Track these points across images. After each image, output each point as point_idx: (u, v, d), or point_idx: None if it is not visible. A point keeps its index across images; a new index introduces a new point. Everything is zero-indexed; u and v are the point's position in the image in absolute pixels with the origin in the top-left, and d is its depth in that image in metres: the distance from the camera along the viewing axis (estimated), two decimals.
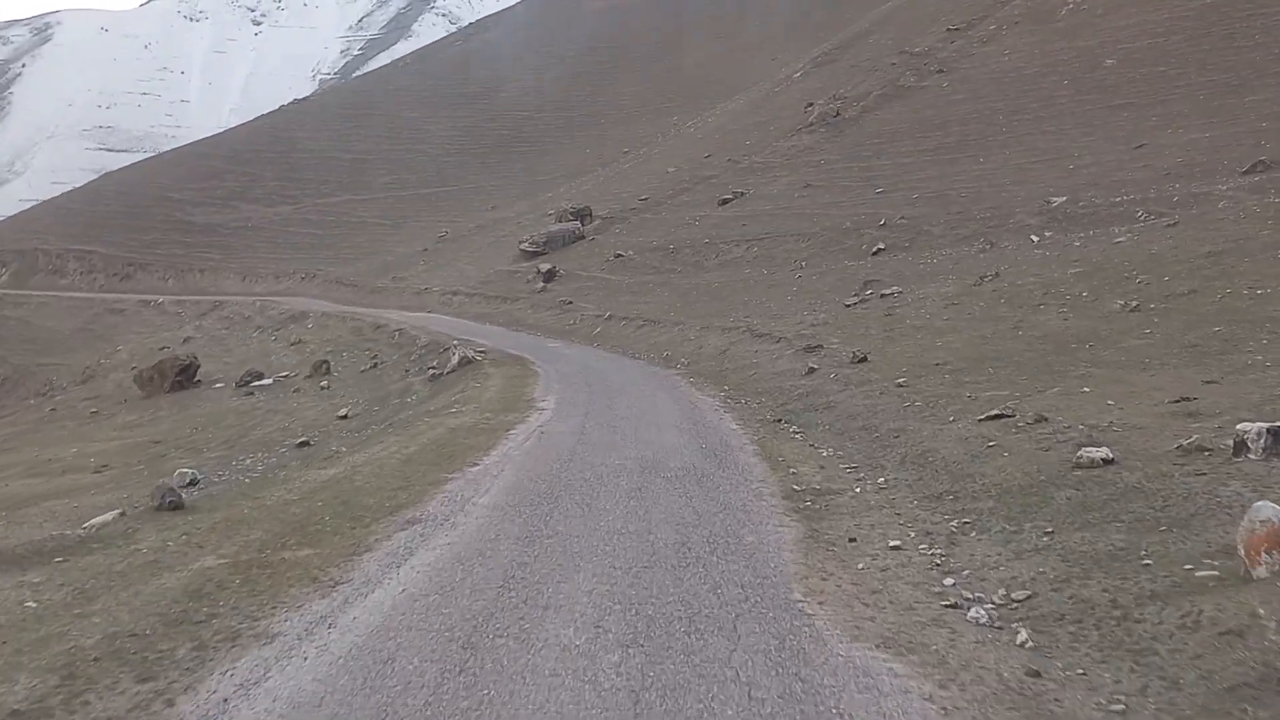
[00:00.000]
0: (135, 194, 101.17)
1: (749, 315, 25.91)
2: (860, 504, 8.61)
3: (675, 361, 22.68)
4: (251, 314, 60.49)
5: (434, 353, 31.00)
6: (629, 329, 30.17)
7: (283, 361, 39.96)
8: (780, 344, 18.83)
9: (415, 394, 23.49)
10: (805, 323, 21.15)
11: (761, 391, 16.07)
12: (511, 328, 37.92)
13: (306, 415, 22.71)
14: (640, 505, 8.71)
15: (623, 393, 17.29)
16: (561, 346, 29.51)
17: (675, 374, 20.47)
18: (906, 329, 17.41)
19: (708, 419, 14.08)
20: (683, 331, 26.20)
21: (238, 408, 27.86)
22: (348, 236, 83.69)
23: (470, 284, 49.31)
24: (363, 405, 24.11)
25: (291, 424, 21.22)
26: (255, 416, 24.34)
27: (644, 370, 21.56)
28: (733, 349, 20.94)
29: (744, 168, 51.92)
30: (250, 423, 23.21)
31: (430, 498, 9.40)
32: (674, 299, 34.03)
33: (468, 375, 22.54)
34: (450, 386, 21.76)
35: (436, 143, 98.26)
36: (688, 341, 24.69)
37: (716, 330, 23.90)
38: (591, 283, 41.24)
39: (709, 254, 39.50)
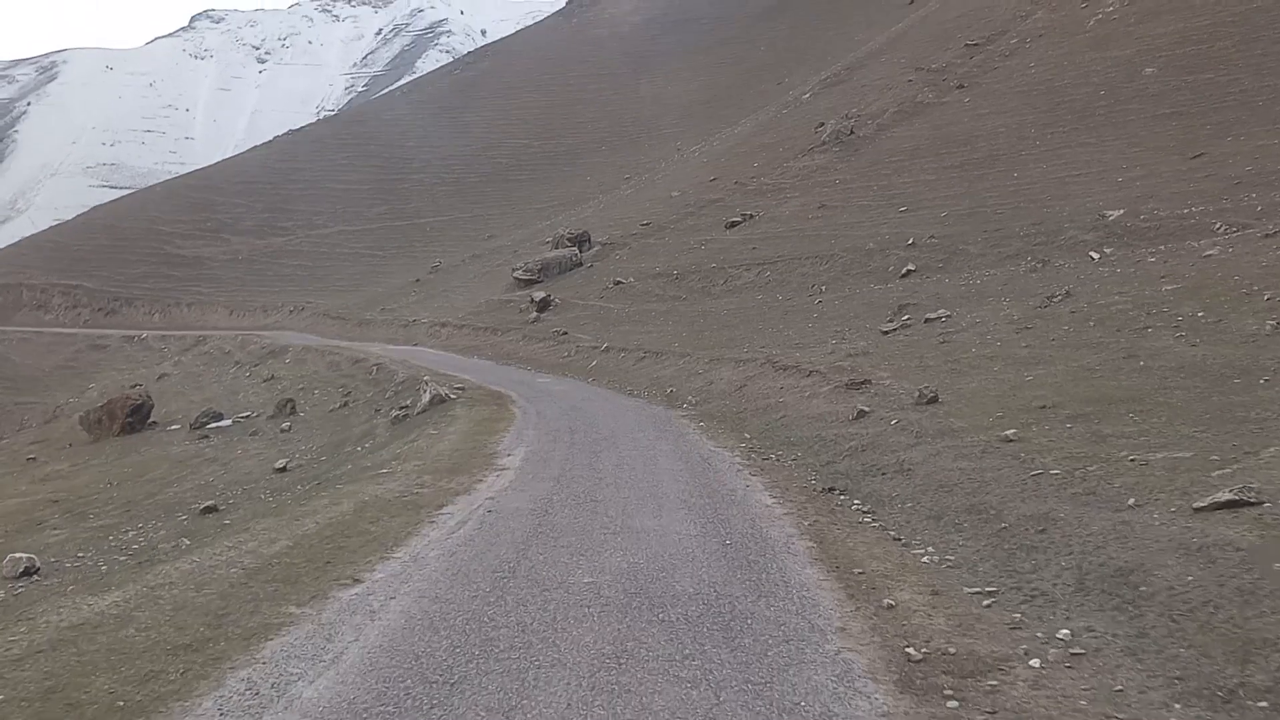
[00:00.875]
0: (124, 227, 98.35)
1: (766, 344, 22.37)
2: (1064, 705, 4.66)
3: (681, 400, 19.12)
4: (232, 349, 57.12)
5: (410, 390, 27.69)
6: (628, 362, 26.63)
7: (250, 400, 36.57)
8: (812, 379, 15.28)
9: (374, 439, 19.95)
10: (839, 352, 17.57)
11: (795, 442, 12.54)
12: (500, 361, 34.46)
13: (244, 466, 19.15)
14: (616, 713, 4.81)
15: (613, 444, 13.78)
16: (551, 382, 25.96)
17: (681, 416, 16.92)
18: (975, 359, 13.85)
19: (728, 485, 10.48)
20: (689, 364, 22.64)
21: (179, 455, 24.30)
22: (339, 268, 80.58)
23: (460, 315, 45.88)
24: (312, 453, 20.55)
25: (220, 478, 17.67)
26: (190, 467, 20.78)
27: (643, 411, 17.98)
28: (751, 385, 17.40)
29: (752, 190, 48.66)
30: (178, 475, 19.65)
31: None
32: (679, 328, 30.55)
33: (433, 418, 19.00)
34: (412, 430, 18.18)
35: (432, 172, 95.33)
36: (695, 376, 21.12)
37: (729, 362, 20.34)
38: (589, 312, 37.80)
39: (717, 279, 36.07)
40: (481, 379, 27.70)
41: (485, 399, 21.51)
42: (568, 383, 25.60)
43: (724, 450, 12.76)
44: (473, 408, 19.40)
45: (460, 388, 24.58)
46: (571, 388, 23.98)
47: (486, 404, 20.12)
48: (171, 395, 45.78)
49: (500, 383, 26.14)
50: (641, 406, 18.86)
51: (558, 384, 25.32)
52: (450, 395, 22.46)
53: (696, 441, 13.82)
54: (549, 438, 14.52)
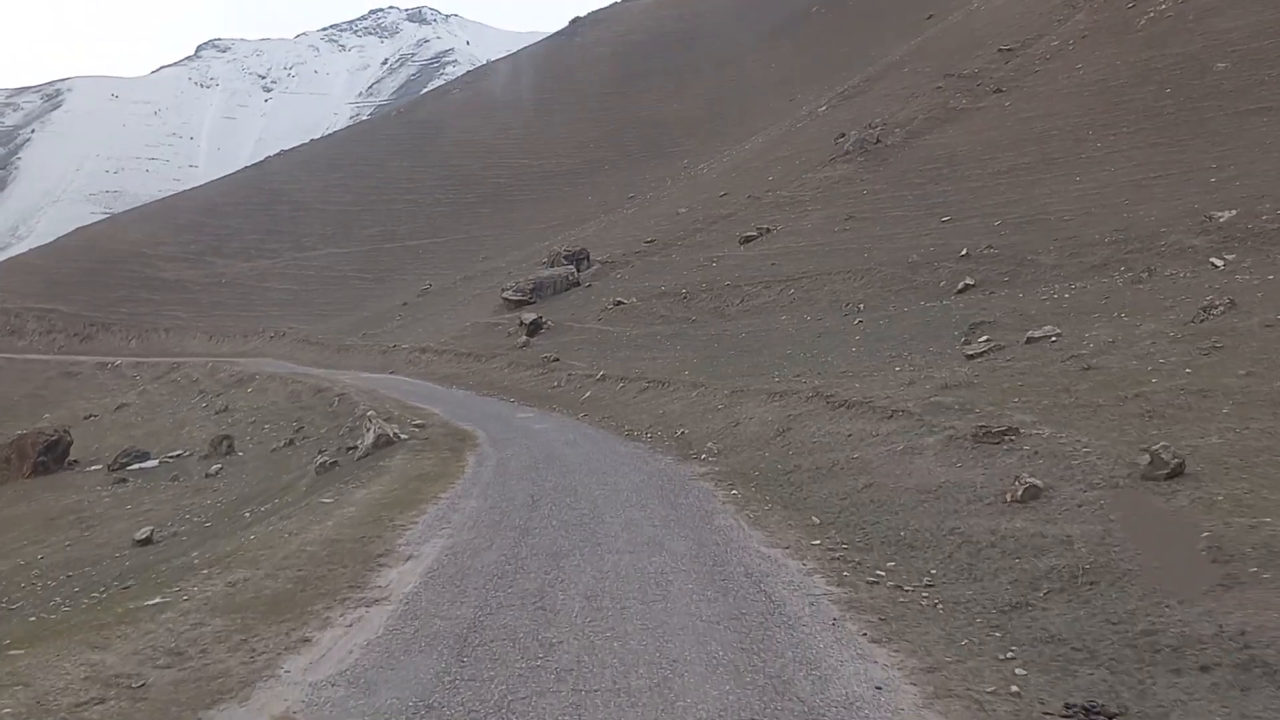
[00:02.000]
0: (104, 249, 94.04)
1: (803, 372, 17.59)
2: None
3: (697, 447, 14.28)
4: (200, 377, 52.46)
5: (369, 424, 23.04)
6: (628, 393, 21.82)
7: (193, 436, 31.88)
8: (899, 422, 10.52)
9: (292, 492, 15.11)
10: (921, 383, 12.74)
11: (913, 543, 7.67)
12: (481, 391, 29.70)
13: (112, 530, 14.29)
14: None
15: (591, 540, 8.84)
16: (533, 418, 21.14)
17: (701, 476, 12.05)
18: (1171, 394, 9.01)
19: (840, 690, 5.23)
20: (704, 397, 17.82)
21: (64, 507, 19.54)
22: (325, 291, 76.06)
23: (442, 340, 41.14)
24: (214, 510, 15.73)
25: (63, 552, 12.79)
26: (55, 528, 15.97)
27: (645, 465, 13.14)
28: (798, 427, 12.60)
29: (768, 203, 44.05)
30: (29, 540, 14.81)
31: None
32: (689, 353, 25.76)
33: (365, 467, 14.20)
34: (331, 484, 13.36)
35: (427, 192, 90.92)
36: (713, 413, 16.30)
37: (759, 395, 15.52)
38: (584, 336, 33.07)
39: (732, 298, 31.32)
40: (451, 413, 22.96)
41: (442, 441, 16.70)
42: (553, 419, 20.77)
43: (787, 557, 7.73)
44: (419, 455, 14.61)
45: (420, 424, 19.82)
46: (556, 425, 19.14)
47: (439, 449, 15.32)
48: (118, 428, 41.15)
49: (471, 418, 21.37)
50: (643, 456, 14.02)
51: (540, 420, 20.50)
52: (399, 436, 17.65)
53: (734, 534, 8.71)
54: (494, 516, 9.70)
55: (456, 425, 19.90)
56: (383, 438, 17.36)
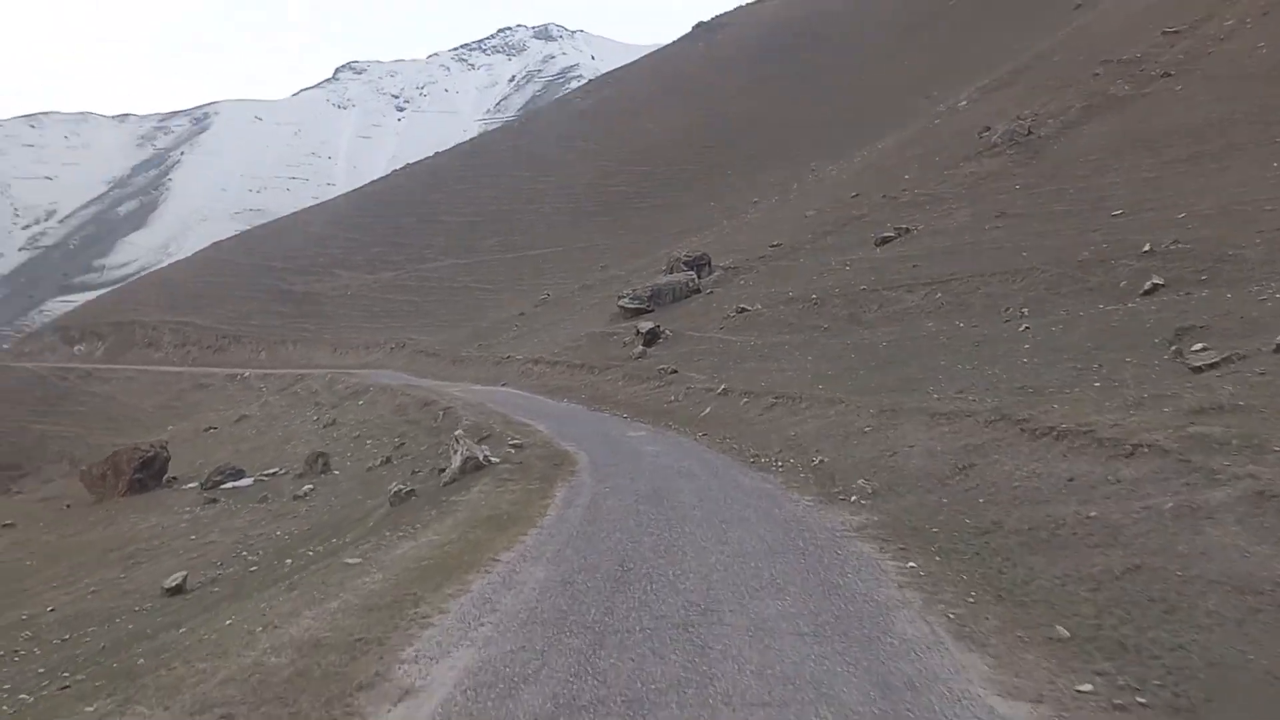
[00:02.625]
0: (237, 264, 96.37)
1: (966, 387, 14.56)
2: None
3: (843, 483, 11.43)
4: (319, 389, 52.03)
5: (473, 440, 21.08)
6: (753, 410, 19.09)
7: (297, 451, 30.56)
8: (1139, 460, 7.57)
9: (363, 526, 12.95)
10: (1145, 403, 9.64)
11: None
12: (593, 405, 27.40)
13: (158, 567, 12.41)
14: None
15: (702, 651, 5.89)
16: (645, 438, 18.62)
17: (854, 530, 8.99)
18: None
19: None
20: (846, 416, 14.96)
21: (137, 533, 17.97)
22: (446, 302, 75.60)
23: (556, 350, 39.14)
24: (279, 544, 13.71)
25: (83, 600, 10.84)
26: (107, 562, 14.20)
27: (776, 510, 10.30)
28: (983, 463, 9.69)
29: (905, 202, 40.63)
30: (71, 576, 13.05)
31: None
32: (823, 365, 22.85)
33: (439, 501, 11.88)
34: (398, 522, 11.05)
35: (547, 201, 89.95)
36: (858, 437, 13.44)
37: (916, 416, 12.61)
38: (705, 346, 30.44)
39: (868, 304, 28.20)
40: (556, 430, 20.68)
41: (536, 466, 14.32)
42: (667, 439, 18.20)
43: None
44: (502, 486, 12.25)
45: (517, 444, 17.52)
46: (670, 448, 16.54)
47: (529, 477, 12.94)
48: (232, 441, 40.58)
49: (576, 437, 18.99)
50: (774, 495, 11.24)
51: (653, 440, 17.95)
52: (490, 459, 15.36)
53: (935, 660, 5.56)
54: (560, 603, 6.92)
55: (557, 446, 17.53)
56: (470, 461, 15.11)
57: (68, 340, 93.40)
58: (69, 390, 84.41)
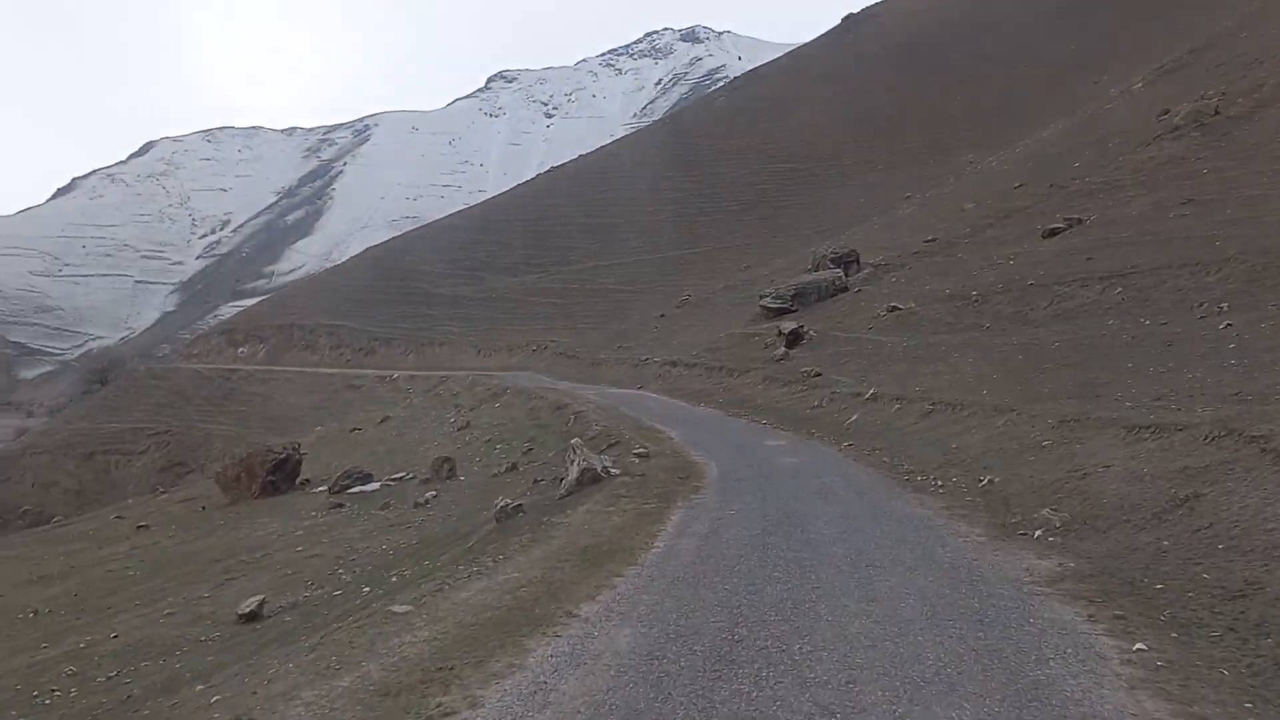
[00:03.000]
0: (388, 268, 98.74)
1: (1164, 394, 12.27)
2: None
3: (1021, 512, 9.38)
4: (460, 390, 52.02)
5: (597, 448, 19.87)
6: (906, 418, 17.04)
7: (428, 454, 29.97)
8: None
9: (465, 544, 11.67)
10: None
11: None
12: (730, 410, 25.68)
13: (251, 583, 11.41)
14: None
15: None
16: (783, 448, 16.81)
17: (1043, 583, 6.70)
18: None
19: None
20: (1018, 427, 12.82)
21: (254, 539, 17.33)
22: (587, 304, 75.10)
23: (694, 352, 37.56)
24: (370, 565, 12.56)
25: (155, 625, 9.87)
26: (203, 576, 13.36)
27: (937, 548, 8.23)
28: (1212, 492, 7.57)
29: (1075, 191, 37.37)
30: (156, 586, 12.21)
31: None
32: (987, 367, 20.51)
33: (548, 516, 10.47)
34: (506, 541, 9.67)
35: (689, 202, 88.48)
36: (1036, 452, 11.32)
37: (1110, 429, 10.44)
38: (852, 347, 28.30)
39: (1037, 300, 25.54)
40: (688, 438, 19.12)
41: (658, 480, 12.78)
42: (809, 450, 16.34)
43: None
44: (615, 504, 10.74)
45: (643, 453, 16.04)
46: (811, 462, 14.68)
47: (647, 494, 11.40)
48: (371, 443, 40.65)
49: (708, 445, 17.36)
50: (933, 525, 9.27)
51: (791, 451, 16.13)
52: (610, 471, 13.93)
53: None
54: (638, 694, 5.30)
55: (687, 455, 15.95)
56: (588, 473, 13.68)
57: (233, 342, 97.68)
58: (232, 390, 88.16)
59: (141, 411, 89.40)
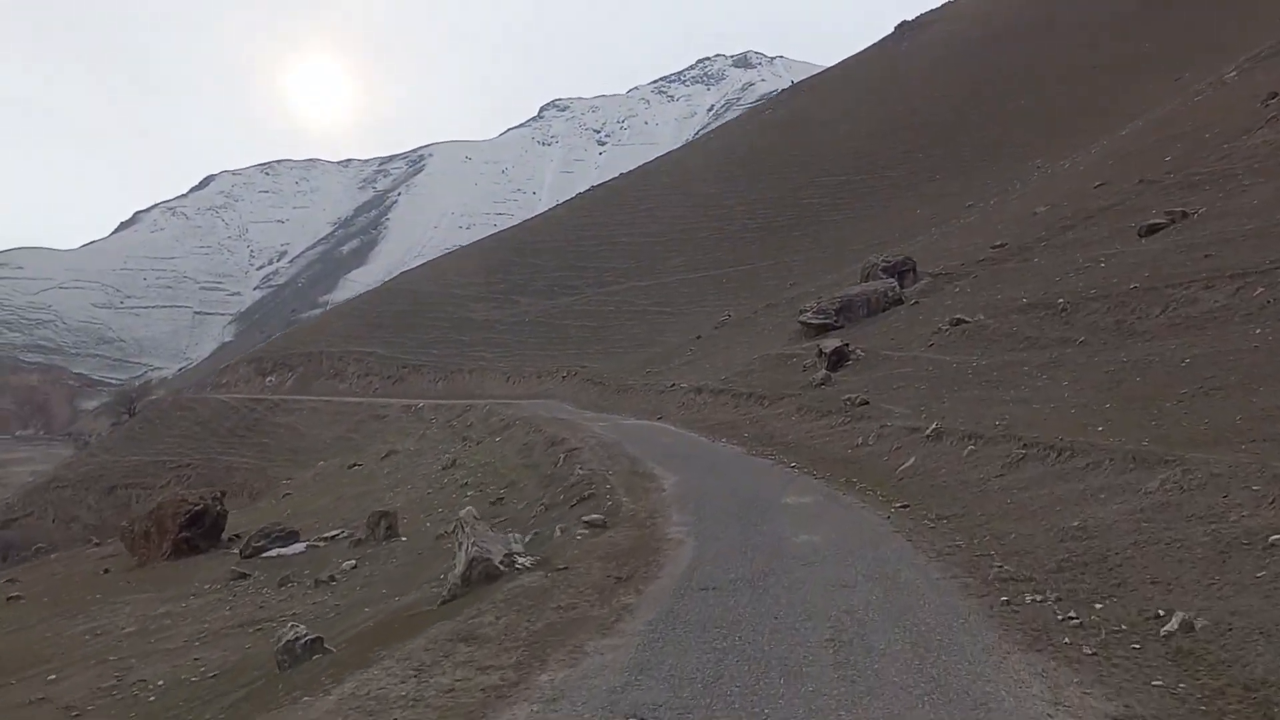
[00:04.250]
0: (420, 293, 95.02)
1: None
2: None
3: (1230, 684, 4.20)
4: (474, 421, 47.38)
5: (569, 500, 15.24)
6: (985, 466, 11.76)
7: (393, 501, 25.23)
8: None
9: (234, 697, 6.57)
10: None
11: None
12: (753, 447, 20.48)
13: None
14: None
15: None
16: (807, 513, 11.58)
17: None
18: None
19: None
20: (1186, 493, 7.43)
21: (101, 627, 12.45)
22: (623, 327, 70.28)
23: (723, 376, 32.42)
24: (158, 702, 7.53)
25: None
26: None
27: None
28: None
29: (1174, 184, 31.72)
30: None
31: None
32: (1088, 393, 15.13)
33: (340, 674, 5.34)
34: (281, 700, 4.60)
35: (734, 219, 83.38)
36: (1251, 550, 5.93)
37: None
38: (907, 368, 22.97)
39: (1146, 307, 20.02)
40: (681, 491, 14.08)
41: (585, 580, 7.69)
42: (843, 515, 11.10)
43: None
44: (452, 654, 5.56)
45: (597, 522, 10.98)
46: (839, 537, 9.46)
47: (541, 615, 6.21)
48: (345, 485, 36.17)
49: (703, 505, 12.30)
50: None
51: (816, 519, 10.90)
52: (516, 561, 8.83)
53: None
54: None
55: (660, 526, 10.84)
56: (481, 567, 8.62)
57: (261, 371, 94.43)
58: (257, 421, 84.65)
59: (165, 444, 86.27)
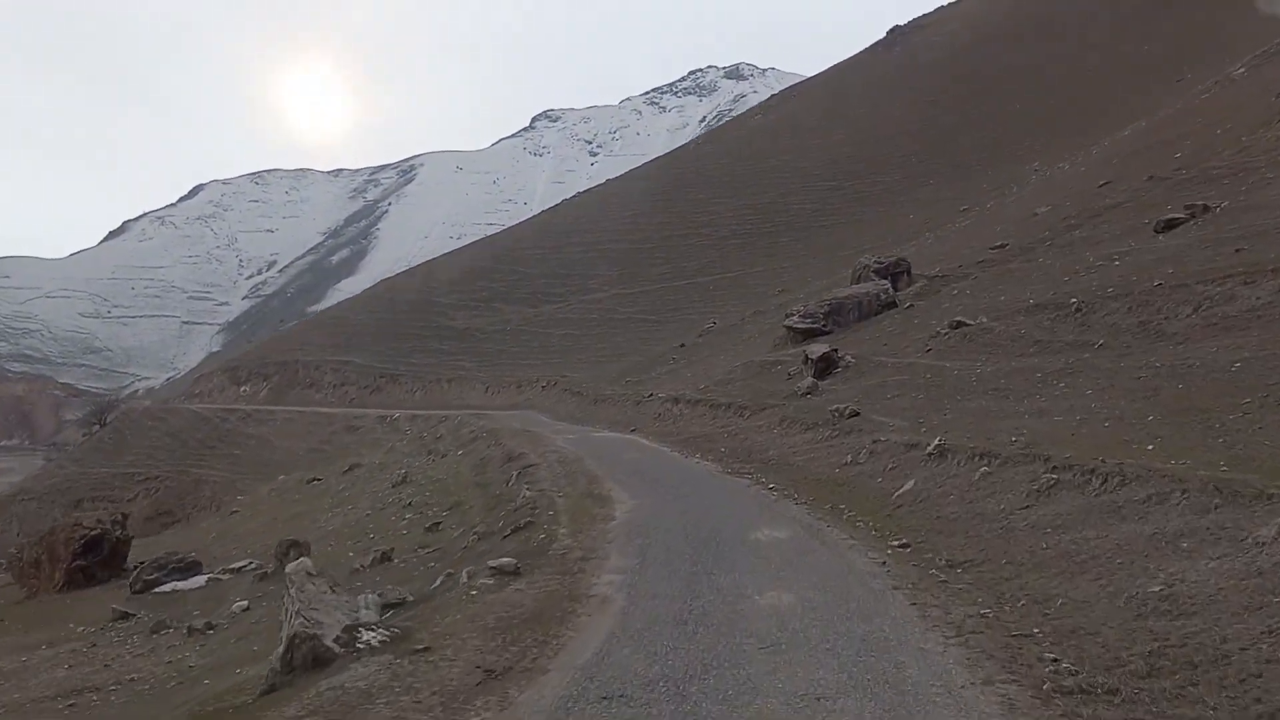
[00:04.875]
0: (401, 300, 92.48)
1: None
2: None
3: None
4: (444, 433, 44.79)
5: (512, 525, 12.74)
6: (1004, 494, 9.26)
7: (329, 525, 22.81)
8: None
9: None
10: None
11: None
12: (728, 465, 18.03)
13: None
14: None
15: None
16: (781, 550, 9.09)
17: None
18: None
19: None
20: None
21: None
22: (607, 335, 67.81)
23: (702, 386, 29.97)
24: None
25: None
26: None
27: None
28: None
29: (1190, 179, 29.46)
30: None
31: None
32: (1121, 402, 12.72)
33: None
34: None
35: (722, 225, 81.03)
36: None
37: None
38: (903, 376, 20.52)
39: (1174, 306, 17.62)
40: (639, 519, 11.73)
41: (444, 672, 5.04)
42: (827, 560, 8.62)
43: None
44: None
45: (508, 568, 8.44)
46: (823, 606, 6.91)
47: None
48: (307, 500, 33.58)
49: (655, 539, 9.88)
50: None
51: (792, 562, 8.43)
52: (359, 638, 6.22)
53: None
54: None
55: (590, 574, 8.37)
56: (306, 648, 6.07)
57: (235, 380, 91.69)
58: (229, 432, 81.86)
59: (134, 455, 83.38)
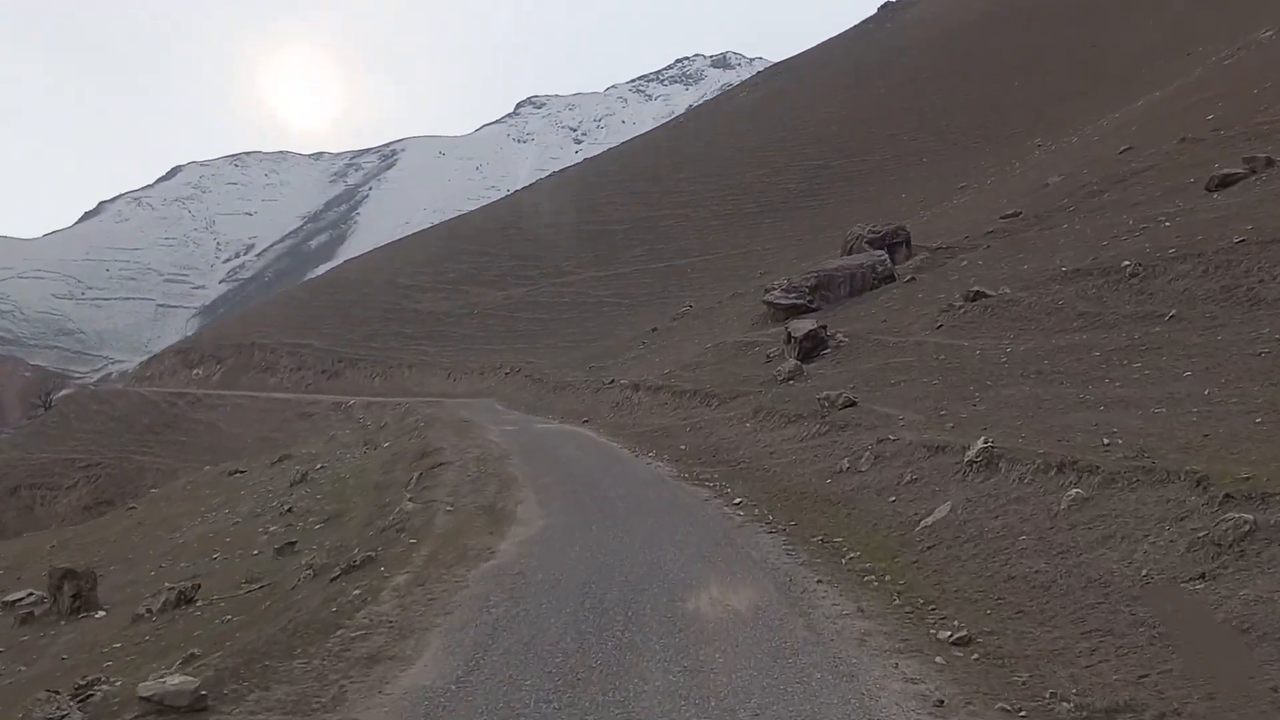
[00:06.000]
0: (365, 281, 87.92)
1: None
2: None
3: None
4: (389, 422, 40.52)
5: (349, 562, 7.72)
6: (1136, 546, 5.03)
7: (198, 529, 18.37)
8: None
9: None
10: None
11: None
12: (686, 467, 13.84)
13: None
14: None
15: None
16: (745, 632, 4.66)
17: None
18: None
19: None
20: None
21: None
22: (577, 320, 63.52)
23: (667, 370, 25.71)
24: None
25: None
26: None
27: None
28: None
29: (1232, 136, 25.39)
30: None
31: None
32: (1246, 390, 8.37)
33: None
34: None
35: (704, 205, 76.79)
36: None
37: None
38: (909, 357, 16.31)
39: (1267, 267, 13.41)
40: (532, 561, 7.38)
41: None
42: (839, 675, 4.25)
43: None
44: None
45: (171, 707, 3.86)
46: None
47: None
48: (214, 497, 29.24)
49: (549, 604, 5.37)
50: None
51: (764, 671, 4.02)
52: None
53: None
54: None
55: None
56: None
57: (187, 363, 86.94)
58: (176, 417, 77.17)
59: (76, 440, 78.56)
